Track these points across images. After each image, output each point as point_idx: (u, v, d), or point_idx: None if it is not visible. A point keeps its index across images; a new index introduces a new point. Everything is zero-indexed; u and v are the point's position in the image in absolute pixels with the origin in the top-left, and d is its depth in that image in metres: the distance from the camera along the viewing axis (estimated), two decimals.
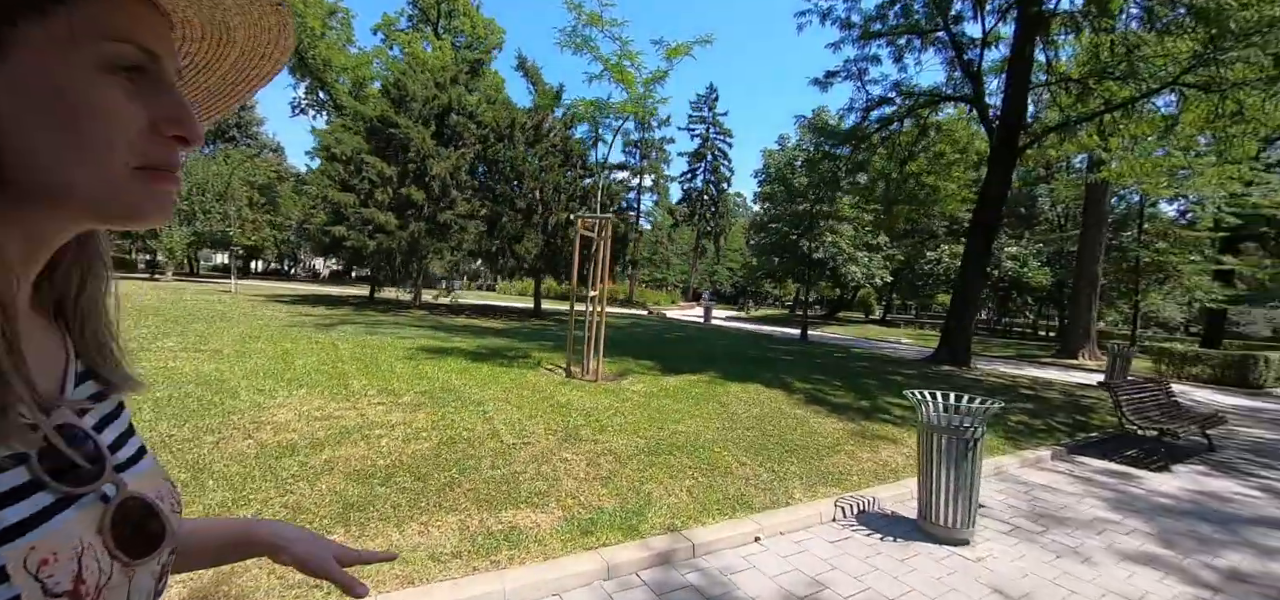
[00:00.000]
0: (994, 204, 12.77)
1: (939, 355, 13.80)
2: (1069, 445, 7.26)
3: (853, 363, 13.24)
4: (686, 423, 6.22)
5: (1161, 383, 8.21)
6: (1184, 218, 27.64)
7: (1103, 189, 18.56)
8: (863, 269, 29.07)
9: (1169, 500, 5.48)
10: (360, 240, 16.43)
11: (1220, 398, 13.60)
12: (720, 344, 15.24)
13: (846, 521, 4.42)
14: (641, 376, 8.78)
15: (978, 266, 13.16)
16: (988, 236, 13.02)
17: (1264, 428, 9.98)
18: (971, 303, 13.20)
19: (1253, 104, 10.42)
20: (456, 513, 3.89)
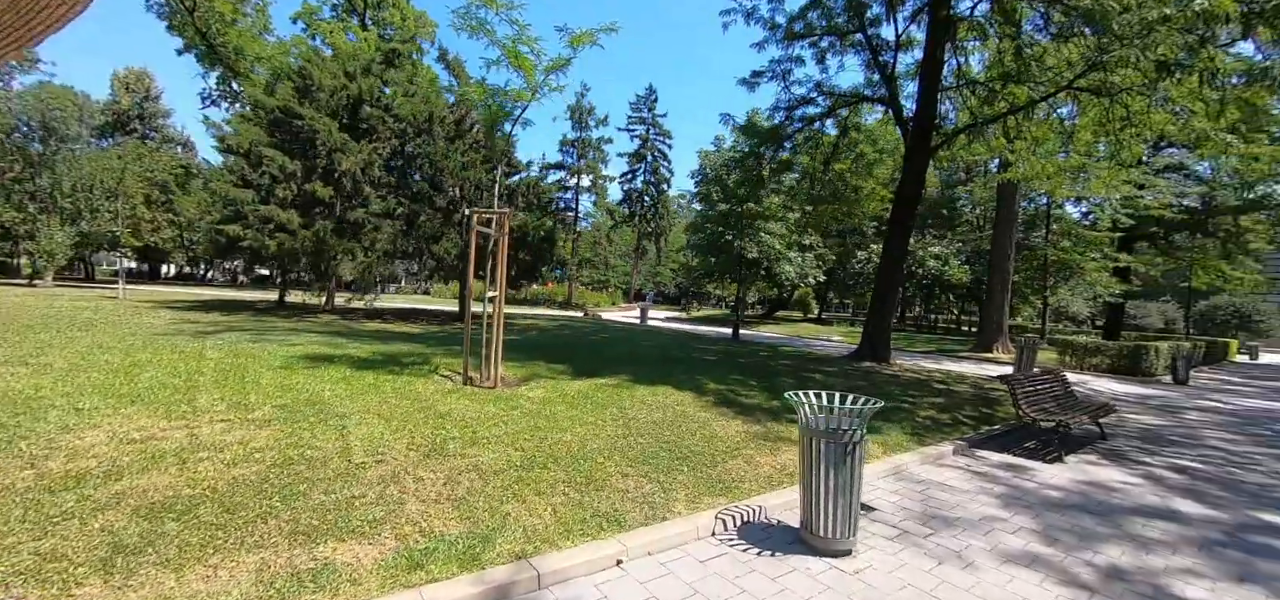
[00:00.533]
0: (909, 203, 13.01)
1: (861, 352, 13.93)
2: (971, 439, 7.27)
3: (776, 361, 13.16)
4: (576, 431, 5.75)
5: (1057, 375, 8.39)
6: (1087, 219, 29.54)
7: (1012, 190, 19.48)
8: (796, 268, 29.53)
9: (1058, 493, 5.45)
10: (259, 240, 15.10)
11: (1116, 386, 14.38)
12: (647, 345, 14.88)
13: (727, 535, 4.06)
14: (547, 381, 8.26)
15: (895, 264, 13.37)
16: (904, 235, 13.26)
17: (1152, 414, 10.49)
18: (890, 300, 13.40)
19: (1138, 109, 10.97)
20: (260, 550, 3.27)
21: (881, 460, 6.08)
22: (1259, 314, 43.63)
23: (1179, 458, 7.14)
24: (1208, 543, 4.39)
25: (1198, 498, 5.51)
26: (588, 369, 9.63)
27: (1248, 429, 9.58)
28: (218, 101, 41.36)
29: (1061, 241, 24.45)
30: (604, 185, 39.31)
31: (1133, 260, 26.85)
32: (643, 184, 45.23)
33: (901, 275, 13.56)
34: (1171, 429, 9.12)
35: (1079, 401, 8.15)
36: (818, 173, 16.19)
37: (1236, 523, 4.90)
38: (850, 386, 10.14)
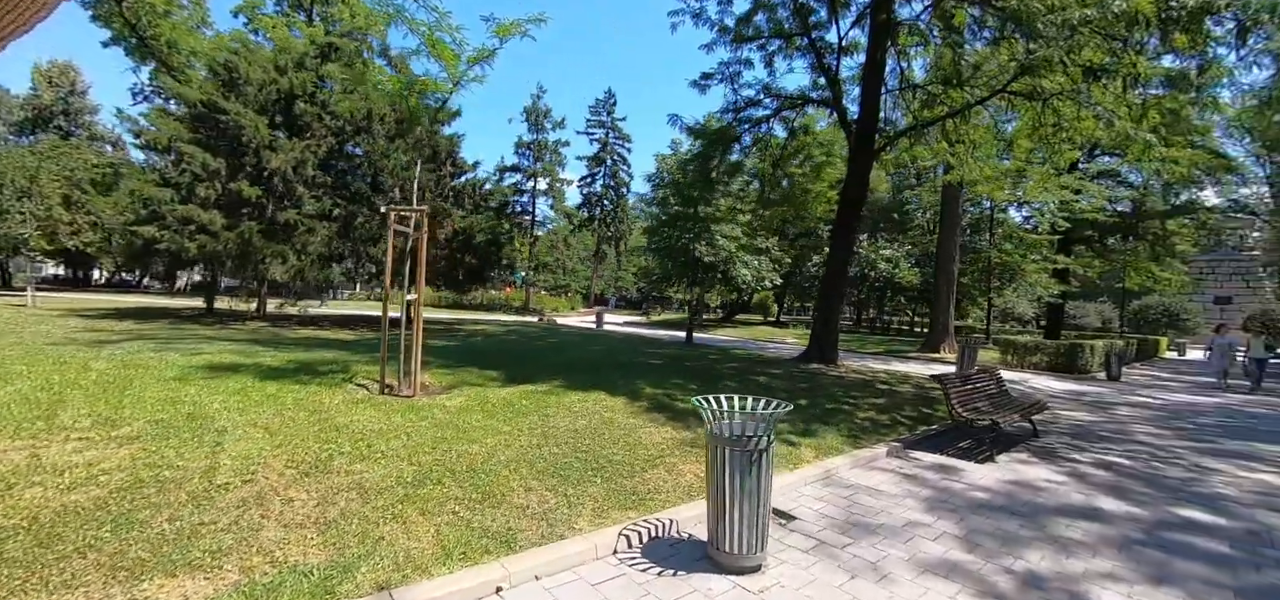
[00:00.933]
0: (853, 205, 13.06)
1: (809, 354, 13.89)
2: (907, 440, 7.16)
3: (723, 364, 12.97)
4: (487, 442, 5.34)
5: (992, 374, 8.41)
6: (1028, 223, 30.55)
7: (956, 194, 19.95)
8: (752, 272, 29.63)
9: (985, 494, 5.33)
10: (177, 242, 14.08)
11: (1054, 384, 14.75)
12: (594, 350, 14.50)
13: (629, 554, 3.73)
14: (474, 389, 7.79)
15: (841, 266, 13.39)
16: (849, 236, 13.29)
17: (1084, 410, 10.69)
18: (836, 301, 13.41)
19: (1068, 113, 11.24)
20: (70, 591, 2.77)
21: (813, 464, 5.87)
22: (1186, 313, 46.19)
23: (1106, 454, 7.19)
24: (1128, 543, 4.30)
25: (1121, 495, 5.48)
26: (522, 375, 9.19)
27: (1172, 423, 9.84)
28: (150, 97, 39.10)
29: (1004, 244, 25.23)
30: (561, 188, 38.77)
31: (1070, 262, 27.92)
32: (602, 188, 44.86)
33: (847, 277, 13.59)
34: (1102, 425, 9.27)
35: (1012, 400, 8.17)
36: (768, 175, 16.15)
37: (1156, 519, 4.85)
38: (793, 389, 10.00)
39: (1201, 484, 6.04)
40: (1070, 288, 31.99)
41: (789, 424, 7.31)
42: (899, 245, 32.54)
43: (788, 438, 6.63)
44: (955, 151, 13.61)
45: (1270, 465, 7.02)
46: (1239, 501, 5.48)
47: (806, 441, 6.56)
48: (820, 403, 8.87)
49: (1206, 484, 6.04)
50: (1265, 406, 12.53)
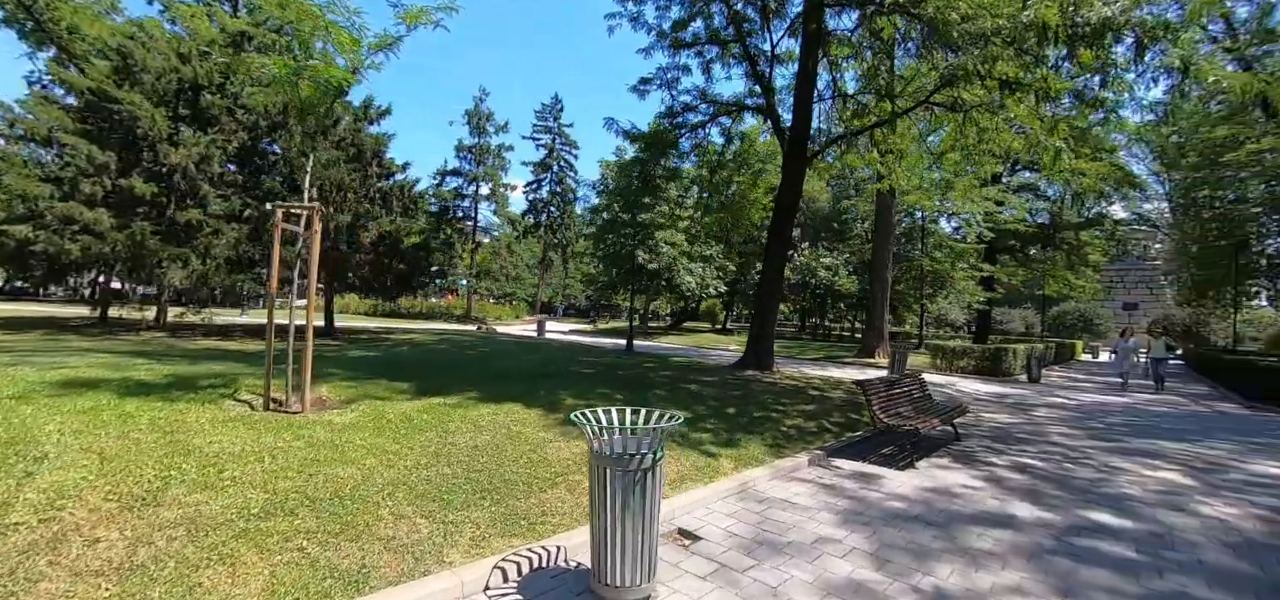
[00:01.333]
0: (787, 211, 13.08)
1: (745, 361, 13.78)
2: (831, 448, 7.00)
3: (658, 373, 12.67)
4: (366, 463, 4.78)
5: (916, 378, 8.42)
6: (958, 233, 31.92)
7: (889, 204, 20.52)
8: (696, 279, 29.73)
9: (902, 503, 5.17)
10: (56, 243, 12.63)
11: (979, 386, 15.22)
12: (527, 359, 13.94)
13: (503, 588, 3.29)
14: (376, 403, 7.15)
15: (776, 272, 13.37)
16: (783, 243, 13.30)
17: (1006, 412, 10.97)
18: (771, 307, 13.38)
19: (988, 126, 11.60)
20: None
21: (730, 477, 5.58)
22: (1098, 318, 49.53)
23: (1022, 455, 7.25)
24: (1038, 552, 4.18)
25: (1034, 499, 5.44)
26: (436, 387, 8.58)
27: (1084, 423, 10.19)
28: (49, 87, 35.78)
29: (934, 253, 26.22)
30: (505, 194, 37.76)
31: (995, 271, 29.35)
32: (548, 194, 44.08)
33: (781, 282, 13.59)
34: (1020, 427, 9.48)
35: (935, 405, 8.19)
36: (706, 181, 16.09)
37: (1066, 524, 4.79)
38: (724, 397, 9.78)
39: (1109, 484, 6.11)
40: (996, 295, 33.67)
41: (712, 434, 7.04)
42: (839, 254, 33.38)
43: (707, 449, 6.35)
44: (885, 161, 13.87)
45: (1172, 463, 7.26)
46: (1143, 501, 5.54)
47: (727, 452, 6.29)
48: (749, 411, 8.66)
49: (1114, 484, 6.12)
50: (1167, 405, 13.27)
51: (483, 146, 37.32)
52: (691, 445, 6.44)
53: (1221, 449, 8.39)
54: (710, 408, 8.66)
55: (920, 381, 8.42)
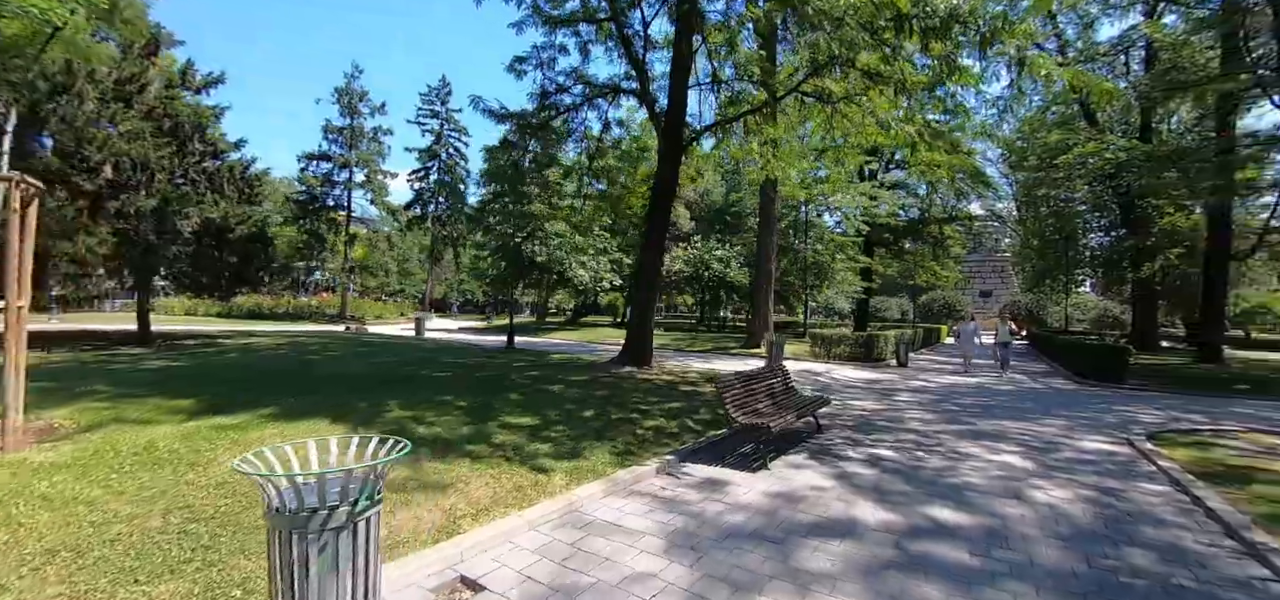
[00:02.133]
0: (664, 198, 12.58)
1: (623, 356, 13.16)
2: (686, 451, 6.42)
3: (525, 372, 11.71)
4: (34, 522, 3.45)
5: (779, 371, 8.10)
6: (839, 227, 33.52)
7: (771, 195, 20.85)
8: (589, 272, 28.93)
9: (743, 515, 4.62)
10: None
11: (853, 373, 15.67)
12: (381, 362, 12.43)
13: None
14: (126, 429, 5.61)
15: (653, 263, 12.84)
16: (661, 232, 12.80)
17: (872, 398, 11.11)
18: (649, 299, 12.84)
19: (855, 116, 11.72)
20: None
21: (557, 497, 4.77)
22: (960, 304, 54.65)
23: (877, 446, 7.09)
24: (872, 568, 3.73)
25: (881, 498, 5.12)
26: (229, 404, 7.07)
27: (940, 406, 10.51)
28: None
29: (816, 245, 27.28)
30: (383, 182, 34.55)
31: (871, 262, 31.17)
32: (437, 183, 41.17)
33: (659, 273, 13.09)
34: (881, 414, 9.53)
35: (796, 398, 7.89)
36: (584, 168, 15.29)
37: (908, 526, 4.45)
38: (588, 397, 9.02)
39: (955, 473, 6.00)
40: (874, 285, 35.95)
41: (552, 444, 6.22)
42: (731, 246, 33.96)
43: (541, 462, 5.52)
44: (762, 152, 13.75)
45: (1013, 444, 7.42)
46: (984, 490, 5.41)
47: (564, 466, 5.49)
48: (608, 412, 7.95)
49: (959, 472, 6.02)
50: (1011, 384, 14.28)
51: (356, 129, 33.86)
52: (523, 460, 5.58)
53: (1054, 426, 8.84)
54: (565, 411, 7.84)
55: (784, 374, 8.11)
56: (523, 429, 6.76)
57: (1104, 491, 5.51)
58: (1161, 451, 7.00)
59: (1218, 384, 14.35)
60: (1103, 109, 27.04)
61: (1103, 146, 20.41)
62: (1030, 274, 37.98)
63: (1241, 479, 5.83)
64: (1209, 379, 15.31)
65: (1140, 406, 10.94)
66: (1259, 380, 14.76)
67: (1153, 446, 7.26)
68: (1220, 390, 13.28)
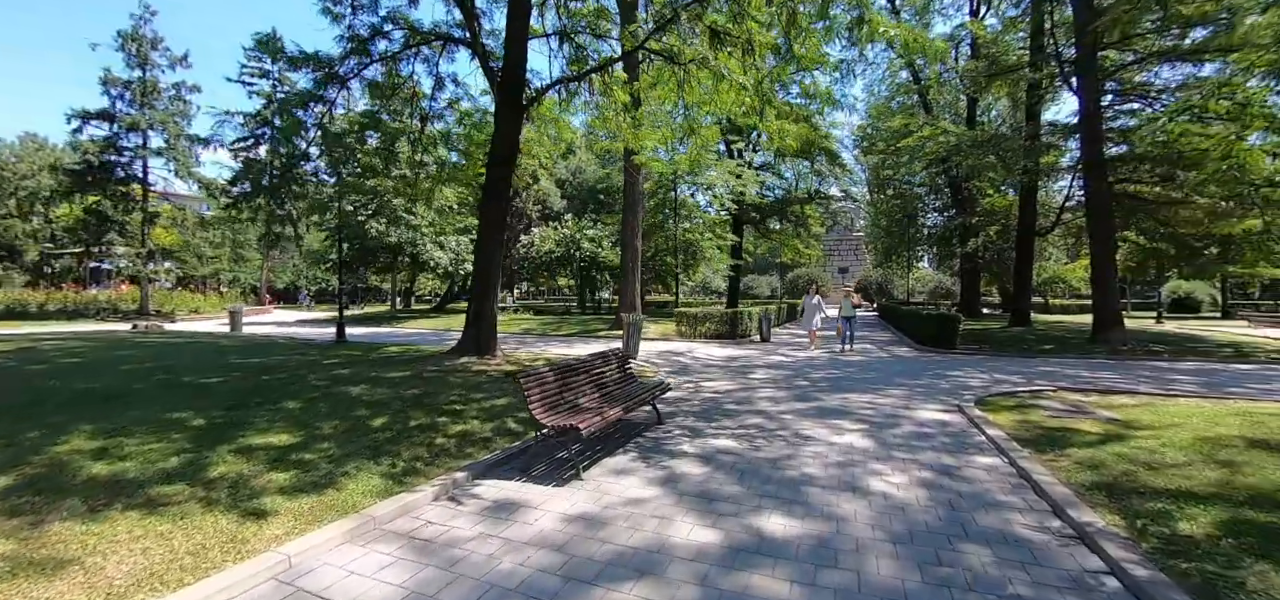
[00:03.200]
0: (503, 165, 11.10)
1: (462, 345, 11.58)
2: (487, 463, 5.17)
3: (336, 370, 9.78)
4: None
5: (614, 358, 7.11)
6: (710, 208, 33.74)
7: (636, 171, 20.04)
8: (449, 255, 26.51)
9: (520, 558, 3.48)
10: None
11: (717, 350, 15.35)
12: (142, 368, 9.79)
13: None
14: None
15: (493, 239, 11.33)
16: (499, 205, 11.32)
17: (726, 378, 10.58)
18: (489, 282, 11.33)
19: (705, 78, 11.02)
20: None
21: (263, 555, 3.33)
22: (821, 280, 58.66)
23: (719, 435, 6.34)
24: None
25: (705, 509, 4.24)
26: None
27: (793, 381, 10.23)
28: None
29: (684, 224, 27.12)
30: (190, 150, 28.65)
31: (739, 241, 31.83)
32: (269, 155, 35.59)
33: (500, 253, 11.61)
34: (732, 394, 8.95)
35: (632, 387, 6.95)
36: (413, 132, 13.32)
37: (726, 549, 3.57)
38: (392, 399, 7.45)
39: (794, 461, 5.36)
40: (744, 263, 36.99)
41: (297, 471, 4.68)
42: (604, 225, 33.01)
43: (261, 503, 4.02)
44: (615, 118, 12.69)
45: (855, 421, 7.06)
46: (821, 484, 4.77)
47: (298, 504, 4.02)
48: (408, 418, 6.47)
49: (798, 461, 5.38)
50: (860, 354, 14.69)
51: (149, 83, 27.59)
52: (235, 502, 4.03)
53: (895, 395, 8.79)
54: (350, 421, 6.25)
55: (621, 361, 7.14)
56: (268, 452, 5.12)
57: (940, 472, 5.12)
58: (989, 418, 6.98)
59: (1028, 344, 15.87)
60: (937, 98, 29.60)
61: (937, 131, 22.02)
62: (880, 251, 41.27)
63: (1059, 443, 5.78)
64: (1021, 340, 16.94)
65: (969, 370, 11.48)
66: (1059, 340, 16.57)
67: (981, 413, 7.26)
68: (1030, 351, 14.59)
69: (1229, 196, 15.31)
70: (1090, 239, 15.96)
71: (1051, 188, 28.05)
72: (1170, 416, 6.84)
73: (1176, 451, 5.22)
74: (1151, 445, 5.49)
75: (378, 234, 24.72)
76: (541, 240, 30.82)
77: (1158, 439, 5.73)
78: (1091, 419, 6.88)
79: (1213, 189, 15.01)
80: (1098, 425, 6.55)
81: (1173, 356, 13.31)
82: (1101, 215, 15.28)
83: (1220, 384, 9.91)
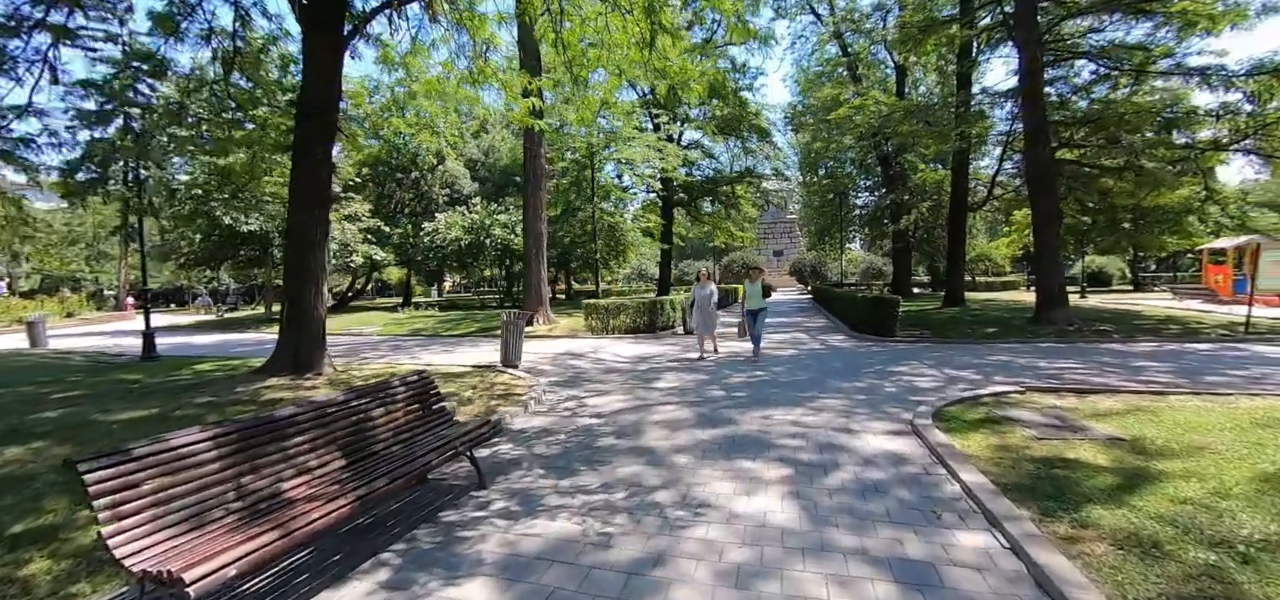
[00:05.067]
0: (317, 117, 8.22)
1: (276, 359, 8.67)
2: None
3: (53, 405, 6.71)
4: None
5: (415, 384, 4.56)
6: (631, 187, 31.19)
7: (537, 142, 17.32)
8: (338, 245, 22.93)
9: None
10: None
11: (625, 349, 12.97)
12: None
13: None
14: None
15: (311, 214, 8.43)
16: (314, 173, 8.43)
17: (623, 391, 8.20)
18: (305, 275, 8.42)
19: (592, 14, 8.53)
20: None
21: None
22: (756, 263, 57.76)
23: (560, 512, 3.95)
24: None
25: None
26: None
27: (705, 391, 8.00)
28: None
29: (602, 205, 24.66)
30: None
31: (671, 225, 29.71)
32: (118, 135, 30.23)
33: (322, 239, 8.72)
34: (617, 418, 6.60)
35: (429, 437, 4.43)
36: (217, 81, 10.19)
37: None
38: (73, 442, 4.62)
39: (664, 577, 3.02)
40: (674, 247, 34.96)
41: None
42: (519, 210, 29.97)
43: None
44: (487, 69, 9.97)
45: (775, 461, 4.85)
46: None
47: None
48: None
49: (671, 572, 3.05)
50: (792, 345, 12.71)
51: None
52: None
53: (831, 409, 6.70)
54: None
55: (419, 385, 4.61)
56: None
57: (910, 583, 2.92)
58: (956, 447, 4.94)
59: (967, 326, 14.46)
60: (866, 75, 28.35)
61: (867, 102, 20.52)
62: (813, 233, 40.30)
63: (1065, 493, 3.77)
64: (960, 322, 15.57)
65: (914, 364, 9.66)
66: (999, 321, 15.30)
67: (945, 438, 5.22)
68: (974, 336, 13.11)
69: (1174, 161, 14.39)
70: (1033, 211, 14.68)
71: (979, 165, 27.45)
72: (1183, 429, 5.08)
73: (1246, 507, 3.32)
74: (1200, 494, 3.62)
75: (231, 223, 20.83)
76: (447, 226, 27.48)
77: (1201, 480, 3.88)
78: (1087, 439, 4.99)
79: (1162, 151, 14.02)
80: (1101, 451, 4.65)
81: (1124, 338, 12.08)
82: (1046, 185, 13.97)
83: (1195, 371, 8.47)
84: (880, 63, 29.07)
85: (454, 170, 30.61)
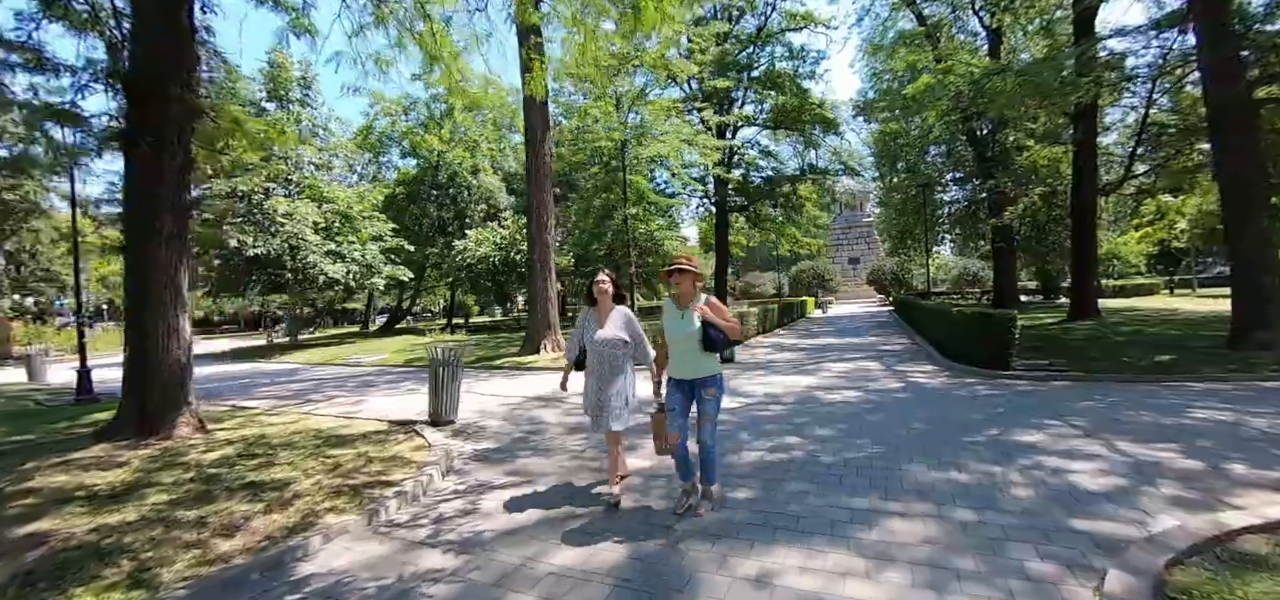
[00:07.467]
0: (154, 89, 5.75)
1: (119, 420, 6.31)
2: None
3: None
4: None
5: None
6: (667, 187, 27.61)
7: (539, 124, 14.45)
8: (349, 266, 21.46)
9: None
10: None
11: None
12: None
13: None
14: None
15: (154, 213, 6.04)
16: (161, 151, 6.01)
17: (553, 477, 5.16)
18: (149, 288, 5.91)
19: None
20: None
21: None
22: (829, 273, 52.57)
23: None
24: None
25: None
26: None
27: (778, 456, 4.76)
28: None
29: (633, 208, 21.65)
30: None
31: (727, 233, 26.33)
32: None
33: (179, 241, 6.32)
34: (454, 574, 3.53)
35: None
36: None
37: None
38: None
39: None
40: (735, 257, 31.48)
41: None
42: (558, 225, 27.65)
43: None
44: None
45: None
46: None
47: None
48: None
49: None
50: (855, 388, 9.08)
51: None
52: None
53: (905, 552, 3.28)
54: None
55: None
56: None
57: None
58: None
59: (1119, 351, 10.17)
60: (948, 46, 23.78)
61: (954, 63, 16.36)
62: (893, 236, 35.30)
63: None
64: (1103, 343, 11.24)
65: (1054, 428, 5.89)
66: (1167, 343, 10.84)
67: None
68: (1134, 366, 8.92)
69: None
70: (1219, 177, 10.21)
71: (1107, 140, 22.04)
72: None
73: None
74: None
75: (238, 245, 19.66)
76: (476, 242, 25.58)
77: None
78: None
79: None
80: None
81: None
82: (1246, 135, 9.47)
83: None
84: (969, 34, 24.41)
85: (488, 184, 28.89)
